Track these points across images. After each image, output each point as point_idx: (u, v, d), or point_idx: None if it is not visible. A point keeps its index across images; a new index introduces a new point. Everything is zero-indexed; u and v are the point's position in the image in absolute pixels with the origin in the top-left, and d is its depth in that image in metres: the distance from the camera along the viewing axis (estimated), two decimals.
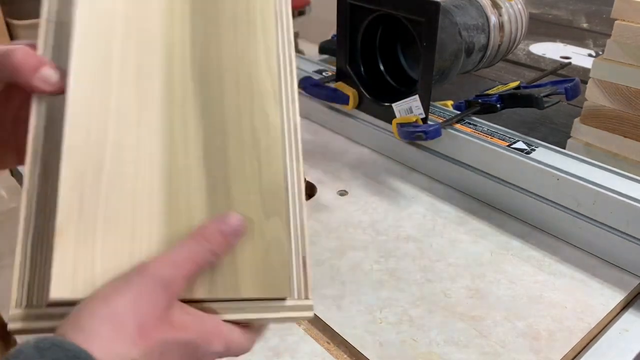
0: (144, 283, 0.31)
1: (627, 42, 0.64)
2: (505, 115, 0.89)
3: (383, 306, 0.53)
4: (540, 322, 0.51)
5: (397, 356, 0.48)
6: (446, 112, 0.73)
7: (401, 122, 0.70)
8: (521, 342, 0.49)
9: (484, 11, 0.75)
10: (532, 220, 0.64)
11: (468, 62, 0.76)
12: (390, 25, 0.74)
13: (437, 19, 0.61)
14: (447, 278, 0.56)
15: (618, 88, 0.66)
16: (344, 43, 0.75)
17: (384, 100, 0.74)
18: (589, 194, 0.57)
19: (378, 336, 0.50)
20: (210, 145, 0.35)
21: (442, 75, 0.71)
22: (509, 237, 0.62)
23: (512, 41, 0.81)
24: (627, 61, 0.65)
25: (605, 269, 0.57)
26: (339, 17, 0.74)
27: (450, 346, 0.48)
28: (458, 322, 0.51)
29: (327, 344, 0.50)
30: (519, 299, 0.53)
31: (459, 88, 1.01)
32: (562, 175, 0.59)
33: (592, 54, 1.14)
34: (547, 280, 0.56)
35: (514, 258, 0.59)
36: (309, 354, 0.49)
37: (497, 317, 0.51)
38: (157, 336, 0.31)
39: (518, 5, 0.80)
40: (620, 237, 0.56)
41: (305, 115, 0.90)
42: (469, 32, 0.73)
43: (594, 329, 0.50)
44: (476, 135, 0.67)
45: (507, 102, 0.73)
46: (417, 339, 0.49)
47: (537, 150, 0.63)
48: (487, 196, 0.68)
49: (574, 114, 0.82)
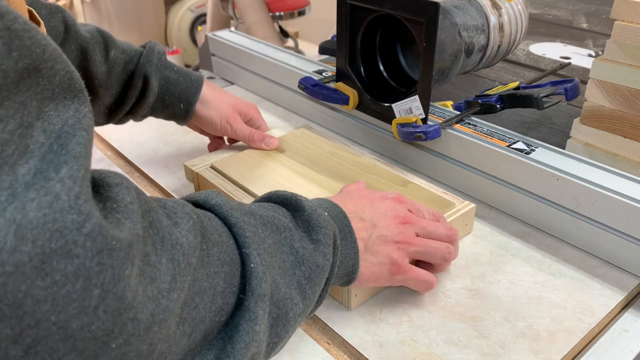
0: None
1: (626, 43, 0.64)
2: (505, 116, 0.89)
3: (383, 306, 0.53)
4: (540, 323, 0.51)
5: (397, 356, 0.48)
6: (446, 113, 0.73)
7: (401, 123, 0.70)
8: (521, 342, 0.49)
9: (483, 11, 0.75)
10: (532, 220, 0.64)
11: (468, 63, 0.76)
12: (390, 26, 0.74)
13: (437, 19, 0.61)
14: (447, 278, 0.56)
15: (618, 88, 0.66)
16: (344, 43, 0.75)
17: (383, 100, 0.74)
18: (589, 194, 0.57)
19: (378, 336, 0.50)
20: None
21: (442, 76, 0.71)
22: (508, 237, 0.63)
23: (512, 41, 0.81)
24: (627, 61, 0.65)
25: (605, 269, 0.57)
26: (339, 17, 0.74)
27: (450, 346, 0.48)
28: (458, 323, 0.51)
29: (327, 344, 0.50)
30: (518, 299, 0.53)
31: (459, 88, 1.01)
32: (562, 175, 0.59)
33: (592, 54, 1.14)
34: (547, 280, 0.56)
35: (514, 258, 0.59)
36: (308, 354, 0.49)
37: (497, 318, 0.51)
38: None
39: (518, 5, 0.80)
40: (620, 237, 0.56)
41: (305, 115, 0.90)
42: (469, 33, 0.73)
43: (594, 329, 0.50)
44: (476, 135, 0.67)
45: (507, 102, 0.73)
46: (417, 340, 0.49)
47: (537, 150, 0.63)
48: (487, 196, 0.68)
49: (574, 114, 0.82)
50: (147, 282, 0.28)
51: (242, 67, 1.00)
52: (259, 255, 0.36)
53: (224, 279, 0.34)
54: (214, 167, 0.69)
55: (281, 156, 0.71)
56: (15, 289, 0.23)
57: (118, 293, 0.26)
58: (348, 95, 0.77)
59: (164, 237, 0.31)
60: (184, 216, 0.34)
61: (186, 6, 2.84)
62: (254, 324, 0.34)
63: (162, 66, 0.69)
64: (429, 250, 0.51)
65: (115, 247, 0.26)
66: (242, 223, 0.37)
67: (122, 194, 0.29)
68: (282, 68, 0.91)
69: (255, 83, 0.99)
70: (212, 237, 0.35)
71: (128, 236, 0.27)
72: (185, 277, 0.31)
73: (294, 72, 0.88)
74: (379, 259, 0.48)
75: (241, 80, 1.02)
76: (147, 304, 0.28)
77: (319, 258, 0.41)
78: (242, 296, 0.35)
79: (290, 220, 0.43)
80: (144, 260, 0.29)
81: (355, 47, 0.75)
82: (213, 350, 0.33)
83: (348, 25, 0.74)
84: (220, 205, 0.38)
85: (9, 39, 0.25)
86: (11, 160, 0.25)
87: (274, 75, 0.94)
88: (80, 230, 0.25)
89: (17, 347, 0.24)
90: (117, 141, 0.84)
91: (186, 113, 0.71)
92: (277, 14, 2.23)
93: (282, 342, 0.39)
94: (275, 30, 2.18)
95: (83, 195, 0.26)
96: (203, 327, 0.33)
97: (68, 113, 0.27)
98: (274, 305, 0.37)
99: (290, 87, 0.91)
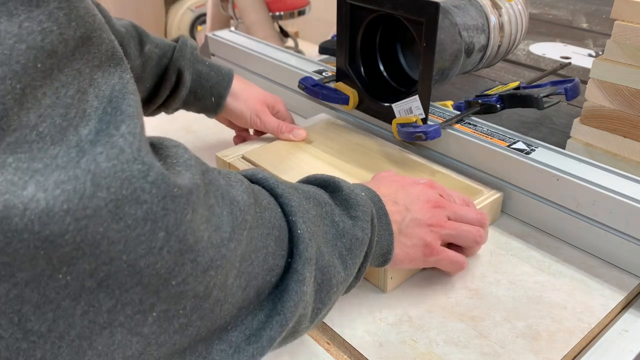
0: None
1: (627, 43, 0.64)
2: (505, 115, 0.89)
3: (383, 306, 0.53)
4: (540, 323, 0.51)
5: (397, 356, 0.48)
6: (446, 112, 0.73)
7: (401, 122, 0.70)
8: (521, 342, 0.49)
9: (484, 11, 0.75)
10: (532, 220, 0.64)
11: (468, 63, 0.76)
12: (390, 25, 0.74)
13: (437, 19, 0.61)
14: (446, 278, 0.56)
15: (618, 88, 0.66)
16: (344, 43, 0.75)
17: (383, 100, 0.74)
18: (589, 194, 0.57)
19: (378, 336, 0.50)
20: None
21: (442, 76, 0.71)
22: (509, 237, 0.62)
23: (512, 41, 0.81)
24: (627, 61, 0.65)
25: (605, 269, 0.57)
26: (339, 17, 0.74)
27: (450, 346, 0.48)
28: (458, 323, 0.51)
29: (327, 345, 0.50)
30: (518, 299, 0.53)
31: (459, 88, 1.01)
32: (562, 175, 0.59)
33: (592, 54, 1.14)
34: (547, 280, 0.56)
35: (514, 258, 0.59)
36: (308, 354, 0.49)
37: (497, 318, 0.51)
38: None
39: (518, 5, 0.80)
40: (620, 237, 0.56)
41: (305, 115, 0.90)
42: (469, 33, 0.73)
43: (594, 329, 0.50)
44: (476, 135, 0.67)
45: (507, 102, 0.73)
46: (416, 340, 0.49)
47: (537, 150, 0.63)
48: None
49: (574, 114, 0.82)
50: (212, 230, 0.31)
51: (242, 67, 1.00)
52: (305, 223, 0.39)
53: (274, 241, 0.37)
54: (245, 158, 0.71)
55: (309, 147, 0.73)
56: (94, 230, 0.26)
57: (180, 236, 0.28)
58: (348, 95, 0.77)
59: (223, 193, 0.34)
60: (237, 180, 0.37)
61: (186, 6, 2.84)
62: (302, 284, 0.37)
63: (194, 60, 0.72)
64: (460, 233, 0.53)
65: (177, 193, 0.28)
66: (287, 194, 0.40)
67: (180, 152, 0.32)
68: (282, 68, 0.91)
69: (255, 83, 0.98)
70: (262, 202, 0.38)
71: (188, 184, 0.29)
72: (242, 232, 0.33)
73: (294, 72, 0.88)
74: (412, 241, 0.50)
75: None
76: (208, 249, 0.30)
77: (358, 232, 0.43)
78: (290, 260, 0.38)
79: (329, 198, 0.45)
80: (209, 210, 0.31)
81: (355, 47, 0.75)
82: (264, 309, 0.36)
83: (348, 25, 0.74)
84: (267, 178, 0.41)
85: (69, 9, 0.27)
86: (75, 122, 0.27)
87: (274, 75, 0.94)
88: (146, 179, 0.27)
89: (92, 279, 0.26)
90: None
91: (217, 106, 0.74)
92: (277, 14, 2.23)
93: (326, 309, 0.41)
94: (275, 30, 2.18)
95: (144, 148, 0.28)
96: (256, 283, 0.35)
97: (114, 80, 0.29)
98: (318, 270, 0.39)
99: (290, 87, 0.91)
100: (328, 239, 0.41)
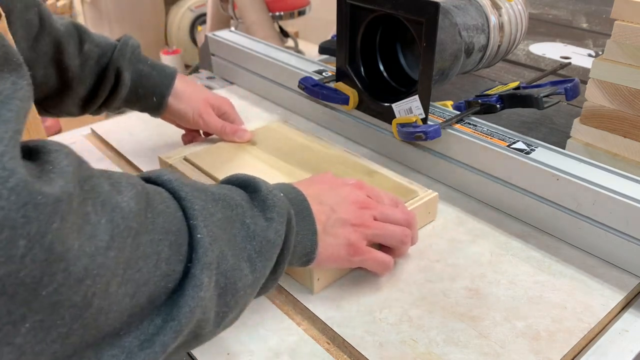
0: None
1: (626, 42, 0.64)
2: (505, 116, 0.89)
3: (383, 306, 0.53)
4: (540, 323, 0.51)
5: (397, 356, 0.48)
6: (446, 112, 0.73)
7: (401, 123, 0.70)
8: (521, 342, 0.49)
9: (484, 11, 0.75)
10: (532, 220, 0.64)
11: (468, 63, 0.76)
12: (390, 25, 0.74)
13: (437, 19, 0.61)
14: (446, 278, 0.56)
15: (618, 88, 0.66)
16: (344, 43, 0.75)
17: (383, 100, 0.74)
18: (589, 194, 0.57)
19: (378, 336, 0.50)
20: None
21: (442, 76, 0.71)
22: (508, 237, 0.62)
23: (512, 41, 0.81)
24: (627, 61, 0.65)
25: (605, 269, 0.57)
26: (339, 17, 0.74)
27: (449, 346, 0.48)
28: (458, 323, 0.51)
29: (327, 345, 0.50)
30: (518, 299, 0.53)
31: (459, 88, 1.01)
32: (562, 175, 0.59)
33: (592, 54, 1.14)
34: (547, 280, 0.56)
35: (514, 258, 0.59)
36: (308, 355, 0.49)
37: (497, 318, 0.51)
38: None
39: (518, 5, 0.80)
40: (620, 237, 0.56)
41: (305, 115, 0.90)
42: (469, 33, 0.73)
43: (594, 329, 0.50)
44: (476, 135, 0.67)
45: (507, 102, 0.73)
46: (416, 339, 0.49)
47: (537, 150, 0.63)
48: (487, 196, 0.68)
49: (574, 114, 0.82)
50: (84, 239, 0.30)
51: (242, 67, 1.00)
52: (206, 227, 0.38)
53: (169, 247, 0.36)
54: (187, 159, 0.71)
55: (254, 149, 0.73)
56: None
57: (45, 244, 0.28)
58: (348, 95, 0.77)
59: (104, 201, 0.33)
60: (127, 185, 0.36)
61: (186, 6, 2.84)
62: (199, 290, 0.36)
63: (135, 60, 0.72)
64: (386, 233, 0.53)
65: (40, 201, 0.28)
66: (191, 197, 0.39)
67: (60, 158, 0.31)
68: (282, 68, 0.91)
69: (255, 83, 0.99)
70: (158, 207, 0.37)
71: (57, 192, 0.29)
72: (125, 239, 0.33)
73: (294, 72, 0.88)
74: (337, 240, 0.50)
75: (241, 80, 1.02)
76: (81, 258, 0.30)
77: (271, 234, 0.43)
78: (189, 265, 0.37)
79: (245, 199, 0.45)
80: (83, 218, 0.31)
81: (355, 47, 0.75)
82: (161, 315, 0.35)
83: (348, 25, 0.74)
84: (171, 180, 0.40)
85: None
86: None
87: (274, 75, 0.94)
88: (5, 185, 0.26)
89: None
90: (117, 141, 0.84)
91: (159, 106, 0.74)
92: (277, 14, 2.23)
93: (233, 313, 0.41)
94: (275, 30, 2.18)
95: (8, 154, 0.27)
96: (147, 289, 0.34)
97: (5, 85, 0.29)
98: (221, 274, 0.39)
99: (290, 87, 0.91)
100: (236, 242, 0.41)
